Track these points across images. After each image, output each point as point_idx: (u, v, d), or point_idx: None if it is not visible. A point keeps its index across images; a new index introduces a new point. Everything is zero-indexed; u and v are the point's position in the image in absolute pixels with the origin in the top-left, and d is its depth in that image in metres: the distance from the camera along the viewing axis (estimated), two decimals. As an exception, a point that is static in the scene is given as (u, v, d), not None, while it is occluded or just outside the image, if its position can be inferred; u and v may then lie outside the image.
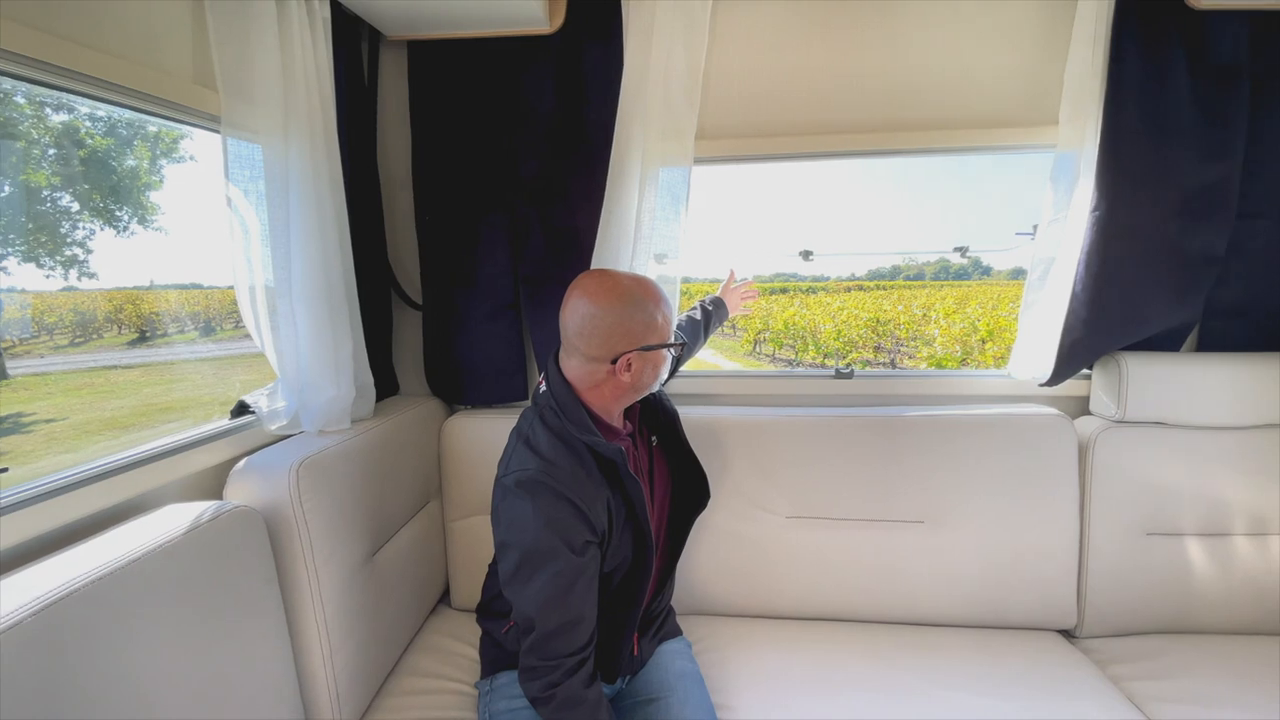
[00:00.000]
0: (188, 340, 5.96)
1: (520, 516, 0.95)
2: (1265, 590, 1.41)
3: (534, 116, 1.47)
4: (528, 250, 1.52)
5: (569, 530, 0.95)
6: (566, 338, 1.03)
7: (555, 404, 1.03)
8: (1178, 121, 1.34)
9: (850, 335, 11.55)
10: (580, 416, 1.01)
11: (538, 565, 0.94)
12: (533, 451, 0.99)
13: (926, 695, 1.22)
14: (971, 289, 14.74)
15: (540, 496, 0.95)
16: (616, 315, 0.99)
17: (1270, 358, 1.40)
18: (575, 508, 0.95)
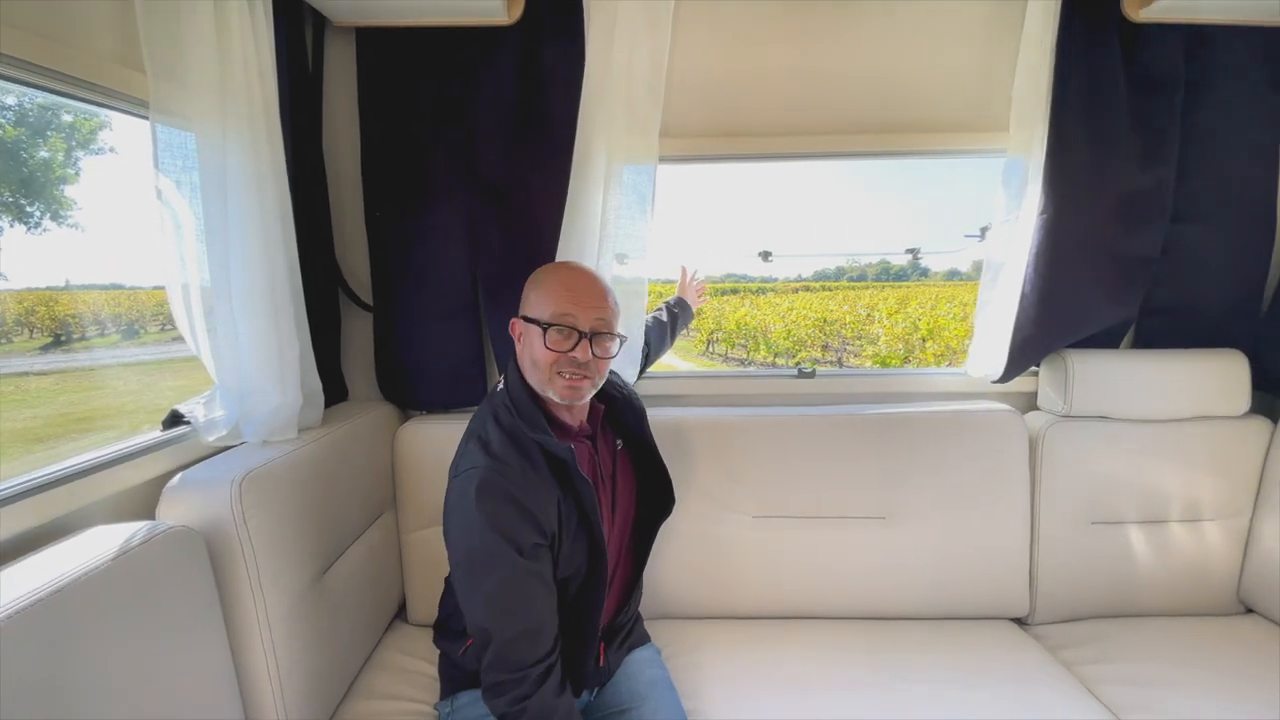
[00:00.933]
0: (109, 344, 5.55)
1: (466, 519, 0.92)
2: (1200, 573, 1.50)
3: (492, 110, 1.42)
4: (487, 248, 1.47)
5: (516, 532, 0.91)
6: None
7: (509, 400, 1.02)
8: (1116, 129, 1.41)
9: (799, 335, 11.82)
10: (533, 413, 0.99)
11: (485, 570, 0.91)
12: (483, 449, 0.97)
13: (893, 688, 1.24)
14: (911, 290, 15.34)
15: (487, 497, 0.91)
16: (528, 283, 1.06)
17: (1201, 354, 1.49)
18: (523, 508, 0.92)
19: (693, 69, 1.47)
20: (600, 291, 1.03)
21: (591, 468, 1.10)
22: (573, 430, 1.07)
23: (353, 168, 1.48)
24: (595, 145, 1.39)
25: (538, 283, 1.04)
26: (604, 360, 1.04)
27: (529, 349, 1.02)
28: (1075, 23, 1.37)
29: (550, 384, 1.01)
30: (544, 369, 1.00)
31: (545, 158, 1.42)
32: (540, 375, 1.01)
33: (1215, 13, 1.35)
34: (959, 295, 16.29)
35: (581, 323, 1.00)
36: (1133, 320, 1.55)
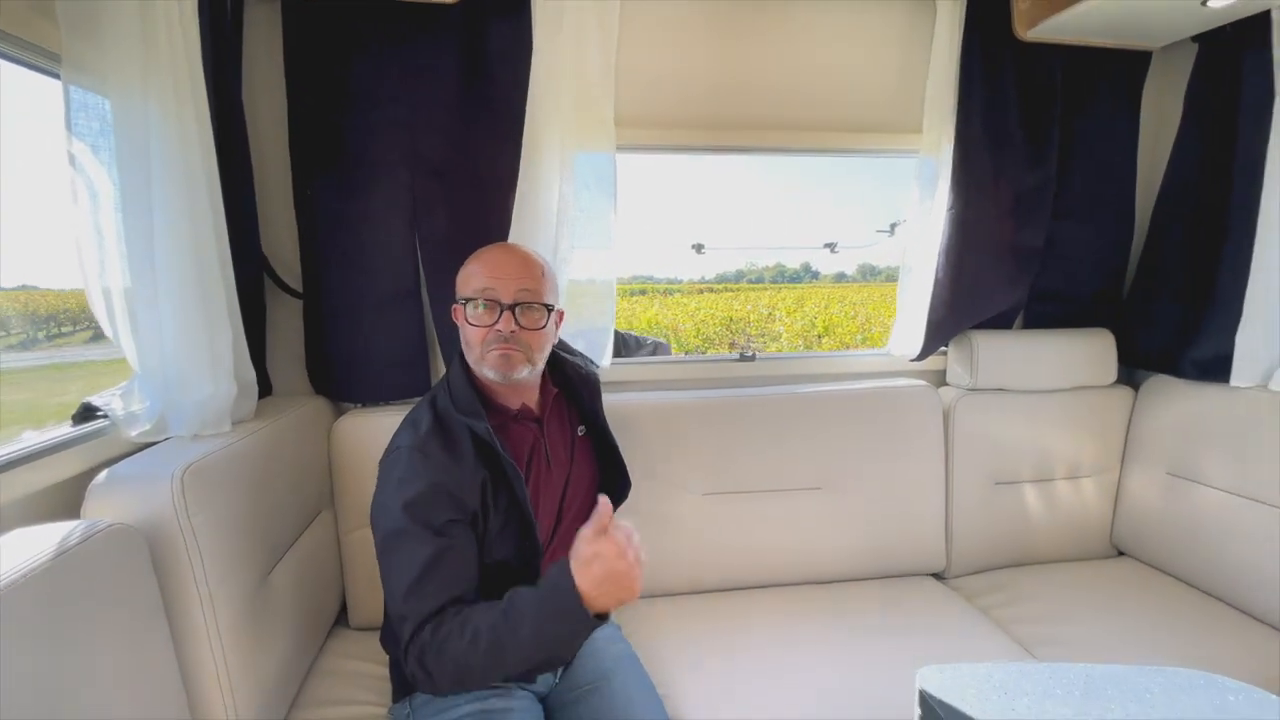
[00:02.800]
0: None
1: (383, 498, 0.93)
2: (1081, 523, 1.72)
3: (435, 89, 1.38)
4: (431, 231, 1.42)
5: (428, 510, 0.90)
6: None
7: (448, 384, 1.02)
8: (1009, 135, 1.60)
9: (708, 333, 12.20)
10: (467, 396, 0.99)
11: (396, 546, 0.89)
12: (411, 430, 0.97)
13: (837, 643, 1.33)
14: (805, 291, 16.23)
15: (401, 475, 0.91)
16: (465, 264, 1.04)
17: (1077, 333, 1.72)
18: (437, 485, 0.91)
19: (639, 60, 1.50)
20: (523, 262, 1.02)
21: (533, 452, 1.08)
22: (511, 412, 1.05)
23: (277, 142, 1.38)
24: (547, 131, 1.39)
25: (466, 264, 1.05)
26: (532, 332, 1.00)
27: (462, 330, 1.02)
28: (975, 39, 1.54)
29: (483, 361, 1.00)
30: (475, 347, 1.01)
31: (493, 141, 1.40)
32: (474, 355, 1.02)
33: (1084, 36, 1.57)
34: (848, 296, 17.43)
35: (503, 295, 0.99)
36: (1023, 304, 1.75)
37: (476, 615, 0.86)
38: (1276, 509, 1.36)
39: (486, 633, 0.83)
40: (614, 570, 0.81)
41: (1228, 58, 1.46)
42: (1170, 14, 1.44)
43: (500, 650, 0.83)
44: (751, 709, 1.15)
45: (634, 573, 0.83)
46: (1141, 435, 1.69)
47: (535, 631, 0.82)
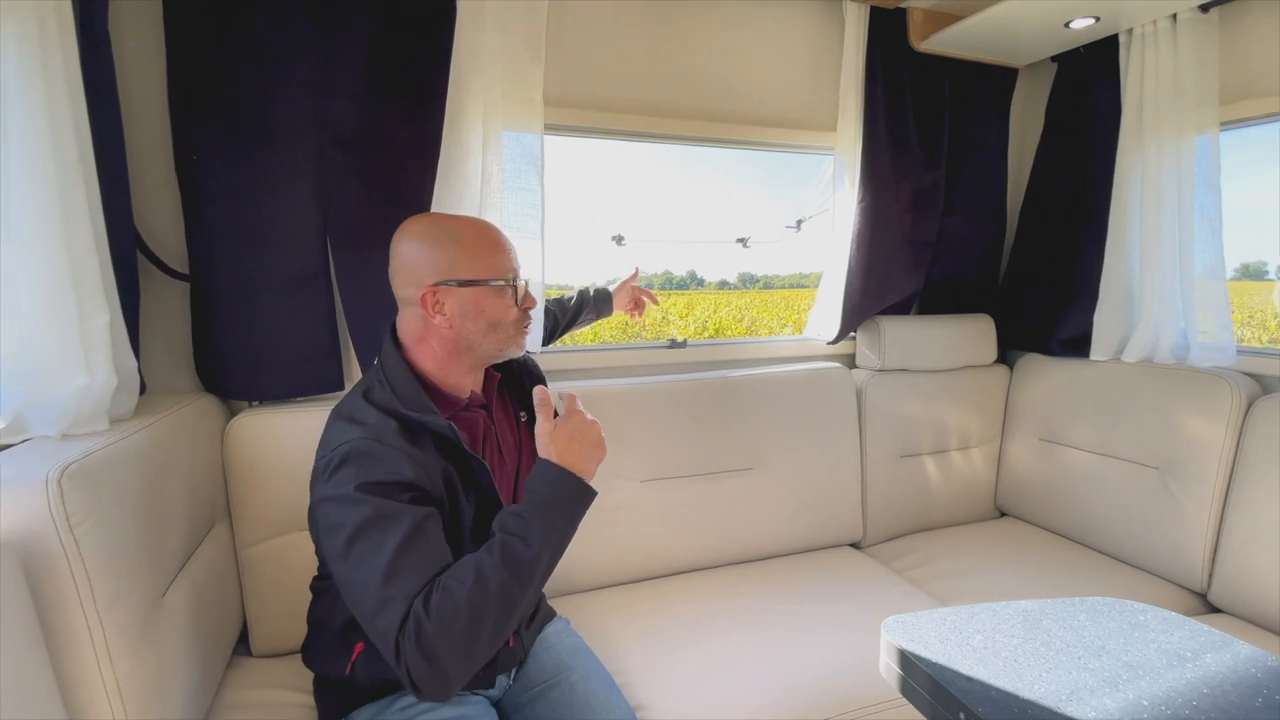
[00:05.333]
0: None
1: (339, 490, 0.80)
2: (971, 489, 1.91)
3: (348, 50, 1.26)
4: (342, 206, 1.29)
5: (397, 489, 0.82)
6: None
7: (385, 376, 0.92)
8: (907, 136, 1.74)
9: (604, 338, 12.29)
10: (411, 390, 0.90)
11: (364, 535, 0.77)
12: (353, 426, 0.86)
13: (777, 613, 1.37)
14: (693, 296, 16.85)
15: (363, 464, 0.81)
16: (425, 245, 0.92)
17: (963, 318, 1.91)
18: (403, 468, 0.82)
19: (568, 39, 1.47)
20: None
21: (485, 440, 1.03)
22: (461, 402, 0.99)
23: (152, 92, 1.19)
24: (470, 105, 1.32)
25: (457, 240, 0.92)
26: None
27: (463, 321, 0.92)
28: (878, 47, 1.67)
29: (512, 340, 0.97)
30: (508, 327, 0.96)
31: (412, 109, 1.30)
32: (502, 335, 0.95)
33: (965, 51, 1.75)
34: (733, 300, 18.25)
35: (521, 272, 0.99)
36: (919, 292, 1.91)
37: (467, 561, 0.78)
38: (1132, 464, 1.59)
39: (491, 564, 0.77)
40: (587, 436, 0.88)
41: (1082, 76, 1.70)
42: (1033, 35, 1.65)
43: (515, 571, 0.77)
44: (710, 687, 1.15)
45: (597, 430, 0.90)
46: (1017, 407, 1.91)
47: (544, 528, 0.80)
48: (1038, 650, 0.80)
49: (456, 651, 0.73)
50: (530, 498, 0.83)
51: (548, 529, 0.81)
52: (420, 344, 0.95)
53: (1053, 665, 0.76)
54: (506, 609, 0.77)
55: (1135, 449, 1.58)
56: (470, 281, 0.91)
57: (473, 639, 0.74)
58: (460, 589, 0.74)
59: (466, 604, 0.74)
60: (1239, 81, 1.47)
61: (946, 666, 0.77)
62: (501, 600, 0.76)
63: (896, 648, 0.83)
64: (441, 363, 0.95)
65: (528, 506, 0.82)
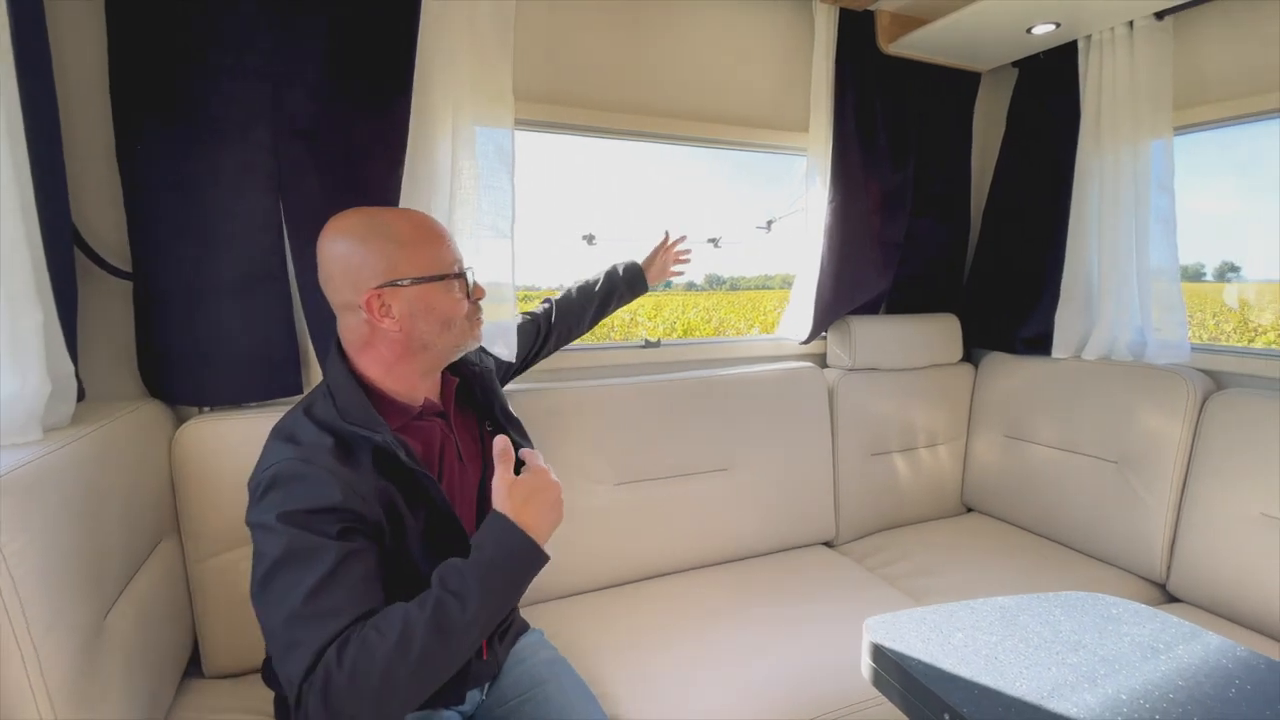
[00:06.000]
0: None
1: (267, 521, 0.75)
2: (939, 486, 1.94)
3: (301, 39, 1.20)
4: (300, 201, 1.23)
5: (323, 518, 0.76)
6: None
7: (328, 387, 0.88)
8: (876, 137, 1.76)
9: (572, 337, 12.22)
10: (354, 401, 0.85)
11: (283, 566, 0.73)
12: (288, 442, 0.81)
13: (754, 614, 1.37)
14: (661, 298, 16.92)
15: (288, 489, 0.76)
16: (360, 244, 0.85)
17: (930, 317, 1.94)
18: (332, 493, 0.76)
19: (537, 31, 1.44)
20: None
21: (443, 449, 0.97)
22: (414, 410, 0.93)
23: (93, 81, 1.12)
24: (438, 98, 1.28)
25: (394, 236, 0.86)
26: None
27: (413, 322, 0.87)
28: (847, 49, 1.68)
29: (468, 335, 0.93)
30: (460, 321, 0.91)
31: (373, 103, 1.25)
32: (456, 331, 0.91)
33: (931, 55, 1.78)
34: (700, 302, 18.42)
35: (463, 260, 0.94)
36: (888, 292, 1.94)
37: (395, 611, 0.72)
38: (1092, 458, 1.63)
39: (421, 621, 0.71)
40: (546, 496, 0.83)
41: (1042, 81, 1.74)
42: (996, 40, 1.68)
43: (445, 633, 0.71)
44: (688, 693, 1.14)
45: (557, 491, 0.86)
46: (982, 404, 1.94)
47: (484, 590, 0.74)
48: (1016, 647, 0.80)
49: (364, 713, 0.68)
50: (477, 554, 0.77)
51: (488, 592, 0.75)
52: (366, 350, 0.89)
53: (1032, 662, 0.77)
54: (428, 675, 0.72)
55: (1095, 444, 1.63)
56: (416, 279, 0.86)
57: (385, 701, 0.69)
58: (380, 646, 0.69)
59: (384, 664, 0.68)
60: (1192, 87, 1.52)
61: (929, 667, 0.77)
62: (423, 665, 0.70)
63: (878, 648, 0.82)
64: (390, 368, 0.90)
65: (472, 564, 0.76)
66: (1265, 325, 5.61)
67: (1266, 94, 1.40)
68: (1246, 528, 1.33)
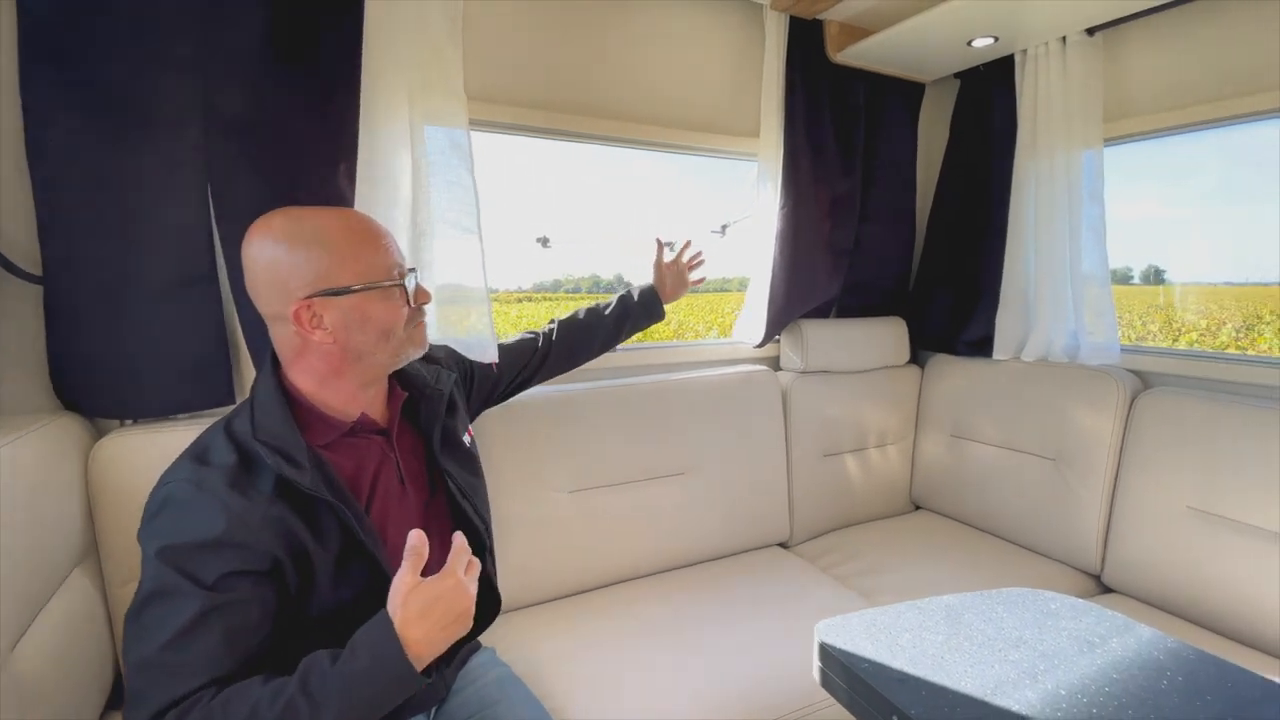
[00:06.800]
0: None
1: (147, 551, 0.72)
2: (889, 485, 1.99)
3: (234, 28, 1.14)
4: (233, 200, 1.17)
5: (197, 558, 0.71)
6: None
7: (250, 400, 0.83)
8: (826, 144, 1.79)
9: (527, 341, 12.06)
10: (274, 415, 0.79)
11: (148, 606, 0.70)
12: (192, 461, 0.76)
13: (711, 619, 1.36)
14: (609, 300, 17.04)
15: (171, 518, 0.72)
16: (288, 250, 0.78)
17: (879, 321, 1.98)
18: (209, 536, 0.71)
19: (487, 29, 1.41)
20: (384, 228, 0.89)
21: (379, 470, 0.90)
22: (343, 426, 0.86)
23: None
24: (391, 95, 1.25)
25: (326, 241, 0.80)
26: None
27: (348, 332, 0.81)
28: (797, 57, 1.70)
29: (409, 343, 0.88)
30: (400, 330, 0.86)
31: (317, 98, 1.19)
32: (396, 341, 0.86)
33: (878, 64, 1.82)
34: (658, 303, 18.50)
35: (404, 264, 0.88)
36: (838, 296, 1.97)
37: (247, 695, 0.67)
38: (1031, 456, 1.69)
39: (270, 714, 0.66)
40: (448, 608, 0.73)
41: (982, 93, 1.80)
42: (938, 52, 1.74)
43: None
44: (644, 703, 1.12)
45: (467, 601, 0.75)
46: (929, 405, 2.00)
47: (344, 702, 0.67)
48: (961, 645, 0.82)
49: None
50: (348, 659, 0.70)
51: (349, 705, 0.68)
52: (298, 361, 0.84)
53: (976, 660, 0.78)
54: None
55: (1034, 442, 1.69)
56: (350, 289, 0.80)
57: None
58: None
59: None
60: (1120, 101, 1.60)
61: (877, 668, 0.78)
62: None
63: (827, 650, 0.83)
64: (324, 380, 0.84)
65: (338, 671, 0.69)
66: (1188, 325, 5.99)
67: (1190, 108, 1.48)
68: (1173, 520, 1.40)
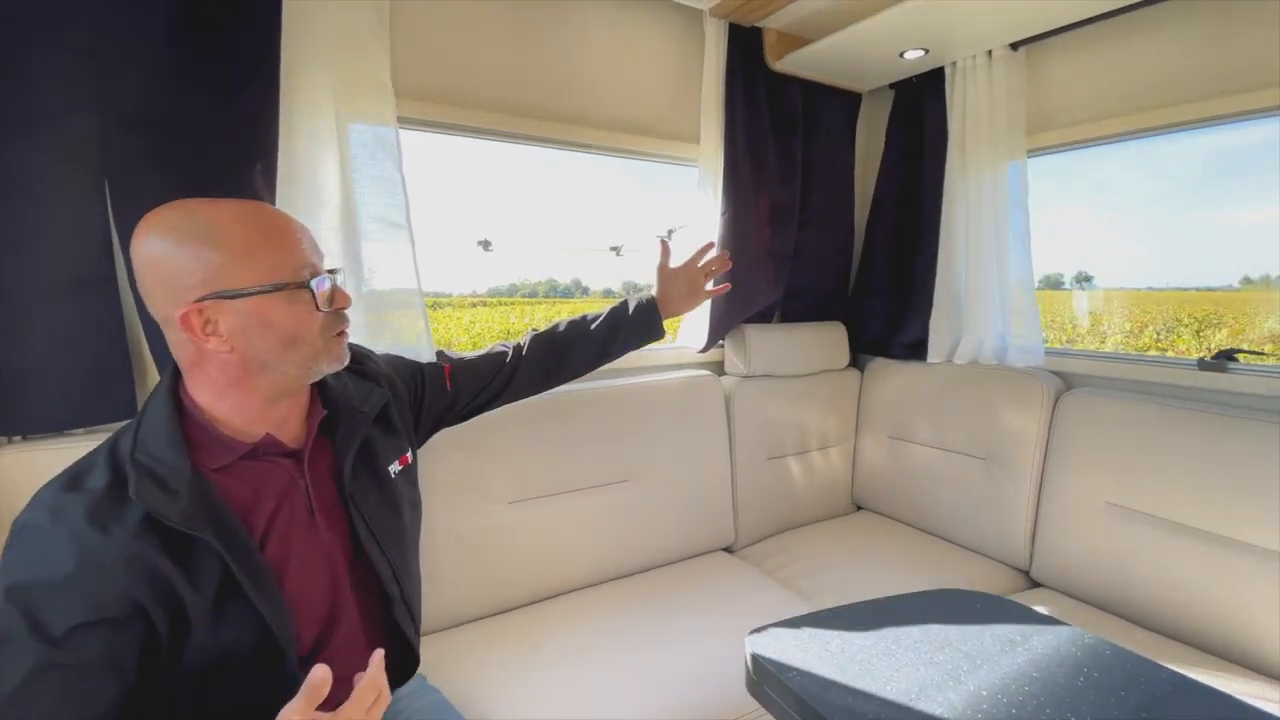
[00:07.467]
0: None
1: None
2: (831, 487, 2.02)
3: (135, 14, 1.06)
4: (134, 199, 1.08)
5: (43, 604, 0.63)
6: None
7: (140, 416, 0.75)
8: (766, 152, 1.81)
9: (484, 346, 11.86)
10: (159, 431, 0.72)
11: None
12: (62, 485, 0.69)
13: (654, 629, 1.34)
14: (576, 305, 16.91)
15: (21, 552, 0.66)
16: (174, 246, 0.71)
17: (819, 325, 2.02)
18: (55, 576, 0.64)
19: (419, 26, 1.36)
20: (300, 224, 0.81)
21: (282, 500, 0.80)
22: (241, 447, 0.77)
23: None
24: (311, 90, 1.19)
25: (220, 237, 0.72)
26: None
27: (246, 339, 0.73)
28: (737, 63, 1.71)
29: (325, 354, 0.80)
30: (312, 338, 0.77)
31: (231, 91, 1.13)
32: (307, 350, 0.78)
33: (816, 74, 1.85)
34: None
35: (320, 263, 0.80)
36: (780, 301, 1.99)
37: None
38: (964, 455, 1.74)
39: None
40: None
41: (915, 103, 1.85)
42: (873, 63, 1.77)
43: None
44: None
45: None
46: (868, 408, 2.04)
47: None
48: (889, 649, 0.82)
49: None
50: None
51: None
52: (195, 372, 0.76)
53: (902, 663, 0.79)
54: None
55: (966, 442, 1.74)
56: (245, 291, 0.72)
57: None
58: None
59: None
60: (1043, 113, 1.67)
61: (805, 676, 0.77)
62: None
63: (757, 659, 0.82)
64: (222, 393, 0.76)
65: None
66: (1113, 329, 6.34)
67: (1106, 120, 1.56)
68: (1094, 516, 1.46)
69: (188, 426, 0.76)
